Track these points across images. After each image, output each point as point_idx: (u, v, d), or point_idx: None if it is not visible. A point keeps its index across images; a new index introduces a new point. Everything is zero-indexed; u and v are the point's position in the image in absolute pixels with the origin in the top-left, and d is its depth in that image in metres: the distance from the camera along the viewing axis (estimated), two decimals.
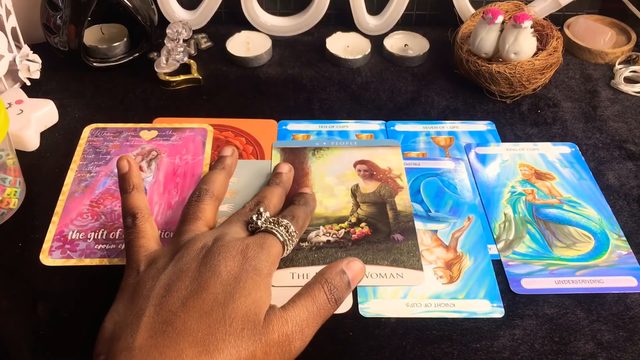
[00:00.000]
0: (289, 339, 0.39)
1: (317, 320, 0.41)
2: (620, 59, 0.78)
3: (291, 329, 0.39)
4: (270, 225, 0.47)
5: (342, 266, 0.44)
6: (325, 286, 0.42)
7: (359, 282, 0.46)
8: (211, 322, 0.38)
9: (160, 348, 0.36)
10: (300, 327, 0.40)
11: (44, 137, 0.65)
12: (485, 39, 0.71)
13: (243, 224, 0.48)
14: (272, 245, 0.45)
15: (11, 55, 0.67)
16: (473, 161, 0.63)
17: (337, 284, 0.43)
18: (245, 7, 0.80)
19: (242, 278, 0.41)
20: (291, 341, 0.39)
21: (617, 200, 0.60)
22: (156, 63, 0.73)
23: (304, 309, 0.41)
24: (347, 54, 0.77)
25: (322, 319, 0.42)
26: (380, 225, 0.56)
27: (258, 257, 0.43)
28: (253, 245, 0.44)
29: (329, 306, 0.42)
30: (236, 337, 0.38)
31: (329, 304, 0.42)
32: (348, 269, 0.44)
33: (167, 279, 0.41)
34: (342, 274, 0.44)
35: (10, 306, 0.49)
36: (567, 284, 0.51)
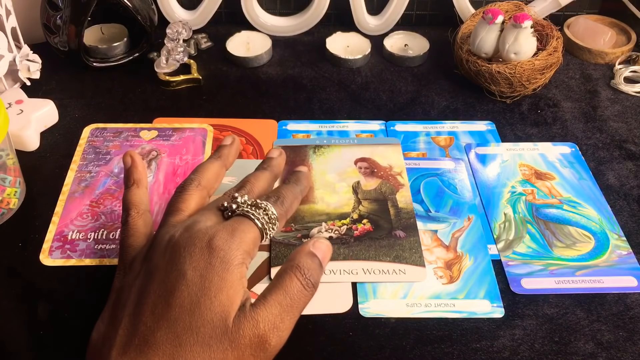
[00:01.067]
0: (262, 339, 0.36)
1: (293, 311, 0.38)
2: (620, 59, 0.78)
3: (263, 329, 0.36)
4: (246, 208, 0.42)
5: (309, 248, 0.40)
6: (298, 273, 0.39)
7: (329, 261, 0.42)
8: (179, 332, 0.35)
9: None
10: (273, 325, 0.37)
11: (44, 137, 0.65)
12: (485, 39, 0.71)
13: (217, 210, 0.43)
14: (246, 230, 0.40)
15: (11, 55, 0.67)
16: (473, 161, 0.63)
17: (309, 267, 0.39)
18: (245, 7, 0.80)
19: (208, 276, 0.37)
20: (265, 341, 0.36)
21: (617, 200, 0.60)
22: (156, 63, 0.73)
23: (275, 303, 0.37)
24: (347, 54, 0.77)
25: (299, 309, 0.39)
26: (382, 222, 0.56)
27: (227, 246, 0.38)
28: (222, 232, 0.39)
29: (306, 292, 0.39)
30: (204, 347, 0.35)
31: (305, 290, 0.39)
32: (316, 249, 0.40)
33: (140, 283, 0.39)
34: (312, 256, 0.40)
35: (10, 306, 0.49)
36: (567, 284, 0.51)
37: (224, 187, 0.59)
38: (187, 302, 0.36)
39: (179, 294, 0.36)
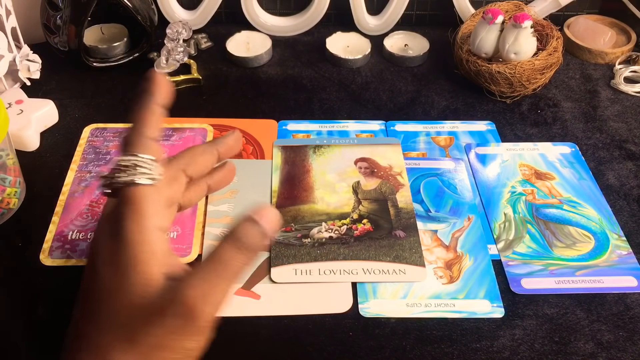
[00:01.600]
0: (191, 309, 0.33)
1: (226, 277, 0.34)
2: (620, 59, 0.78)
3: (192, 298, 0.33)
4: (122, 178, 0.36)
5: (250, 215, 0.35)
6: (230, 238, 0.34)
7: (277, 232, 0.36)
8: (102, 324, 0.34)
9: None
10: (203, 293, 0.33)
11: (44, 137, 0.65)
12: (485, 39, 0.71)
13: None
14: (131, 200, 0.35)
15: (11, 55, 0.67)
16: (473, 161, 0.63)
17: (246, 232, 0.35)
18: (245, 7, 0.80)
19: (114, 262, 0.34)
20: (195, 310, 0.33)
21: (617, 200, 0.60)
22: (156, 63, 0.73)
23: (204, 271, 0.34)
24: (347, 54, 0.77)
25: (232, 274, 0.34)
26: (382, 222, 0.56)
27: (126, 225, 0.34)
28: (109, 216, 0.36)
29: (240, 257, 0.34)
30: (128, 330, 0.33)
31: (239, 253, 0.34)
32: (259, 216, 0.35)
33: (83, 280, 0.38)
34: (252, 222, 0.35)
35: (10, 306, 0.49)
36: (567, 284, 0.51)
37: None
38: (103, 294, 0.35)
39: (93, 287, 0.36)
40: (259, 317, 0.49)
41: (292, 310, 0.49)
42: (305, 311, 0.49)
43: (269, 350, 0.47)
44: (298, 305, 0.49)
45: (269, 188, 0.59)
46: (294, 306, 0.49)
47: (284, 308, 0.49)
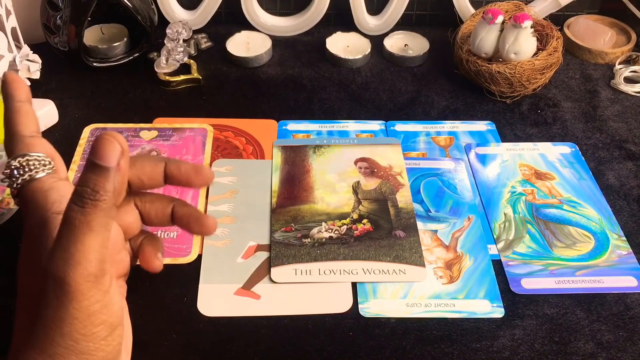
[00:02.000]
0: (58, 280, 0.31)
1: (80, 236, 0.31)
2: (620, 59, 0.78)
3: (54, 270, 0.31)
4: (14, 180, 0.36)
5: (89, 158, 0.31)
6: (73, 195, 0.31)
7: (116, 153, 0.31)
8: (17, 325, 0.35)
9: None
10: (62, 260, 0.31)
11: (44, 137, 0.64)
12: (485, 39, 0.71)
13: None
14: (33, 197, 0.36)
15: (11, 55, 0.67)
16: (473, 161, 0.63)
17: (82, 179, 0.31)
18: (245, 7, 0.80)
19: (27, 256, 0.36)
20: (62, 280, 0.31)
21: (617, 200, 0.60)
22: (156, 63, 0.73)
23: (58, 237, 0.31)
24: (347, 54, 0.77)
25: (86, 229, 0.31)
26: (382, 222, 0.56)
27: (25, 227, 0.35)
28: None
29: (84, 209, 0.31)
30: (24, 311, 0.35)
31: (81, 205, 0.31)
32: (95, 153, 0.31)
33: None
34: (90, 166, 0.31)
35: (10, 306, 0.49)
36: (567, 284, 0.51)
37: (223, 187, 0.59)
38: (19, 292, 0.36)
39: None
40: (259, 317, 0.49)
41: (292, 310, 0.49)
42: (305, 311, 0.49)
43: (269, 350, 0.47)
44: (298, 305, 0.49)
45: (269, 188, 0.59)
46: (294, 306, 0.49)
47: (284, 308, 0.49)
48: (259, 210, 0.57)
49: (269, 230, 0.55)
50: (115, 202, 0.32)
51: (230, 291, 0.50)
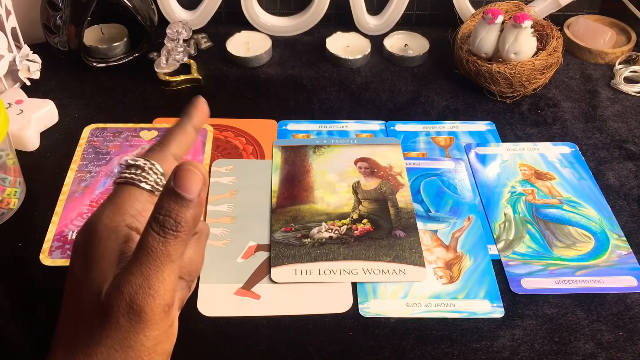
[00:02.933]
0: (131, 305, 0.31)
1: (160, 266, 0.32)
2: (620, 59, 0.78)
3: (129, 294, 0.31)
4: (122, 174, 0.36)
5: (169, 185, 0.32)
6: (153, 222, 0.32)
7: (200, 187, 0.32)
8: (66, 321, 0.34)
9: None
10: (139, 287, 0.31)
11: (44, 137, 0.65)
12: (485, 39, 0.71)
13: None
14: (119, 195, 0.35)
15: (11, 55, 0.67)
16: (473, 161, 0.63)
17: (167, 208, 0.32)
18: (245, 7, 0.80)
19: (80, 257, 0.34)
20: (135, 305, 0.31)
21: (617, 200, 0.60)
22: (156, 63, 0.73)
23: (136, 264, 0.32)
24: (347, 54, 0.77)
25: (166, 260, 0.32)
26: (382, 222, 0.56)
27: (96, 219, 0.34)
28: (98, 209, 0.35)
29: (167, 240, 0.32)
30: (85, 326, 0.33)
31: (164, 237, 0.32)
32: (178, 184, 0.32)
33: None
34: (172, 195, 0.32)
35: (10, 306, 0.49)
36: (567, 284, 0.51)
37: (223, 187, 0.59)
38: (72, 290, 0.34)
39: (67, 285, 0.35)
40: (259, 317, 0.49)
41: (292, 310, 0.49)
42: (305, 311, 0.49)
43: (269, 350, 0.47)
44: (298, 305, 0.49)
45: (269, 188, 0.59)
46: (294, 306, 0.49)
47: (284, 308, 0.49)
48: (259, 210, 0.57)
49: (269, 230, 0.55)
50: (192, 231, 0.33)
51: (230, 291, 0.50)
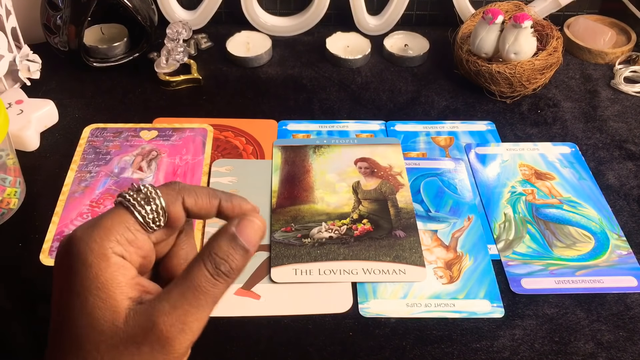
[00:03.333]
0: (162, 338, 0.30)
1: (202, 305, 0.31)
2: (620, 59, 0.78)
3: (163, 326, 0.30)
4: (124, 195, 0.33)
5: (231, 229, 0.32)
6: (208, 260, 0.31)
7: (260, 242, 0.33)
8: (66, 348, 0.33)
9: None
10: (176, 321, 0.31)
11: (44, 137, 0.65)
12: (485, 39, 0.71)
13: None
14: (112, 217, 0.32)
15: (11, 55, 0.67)
16: (473, 161, 0.63)
17: (225, 252, 0.32)
18: (245, 7, 0.80)
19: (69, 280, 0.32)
20: (168, 339, 0.31)
21: (617, 200, 0.60)
22: (156, 63, 0.73)
23: (179, 297, 0.31)
24: (347, 54, 0.77)
25: (210, 302, 0.32)
26: (382, 222, 0.56)
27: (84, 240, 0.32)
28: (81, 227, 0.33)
29: (216, 282, 0.31)
30: (95, 355, 0.31)
31: (215, 279, 0.31)
32: (240, 231, 0.32)
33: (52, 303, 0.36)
34: (232, 239, 0.32)
35: (10, 306, 0.49)
36: (567, 284, 0.51)
37: (223, 187, 0.59)
38: (62, 317, 0.33)
39: (55, 309, 0.34)
40: (259, 317, 0.49)
41: (292, 310, 0.49)
42: (305, 311, 0.49)
43: (269, 350, 0.47)
44: (298, 305, 0.49)
45: (269, 188, 0.59)
46: (294, 306, 0.49)
47: (284, 308, 0.49)
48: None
49: (269, 230, 0.55)
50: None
51: (230, 291, 0.50)
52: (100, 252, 0.31)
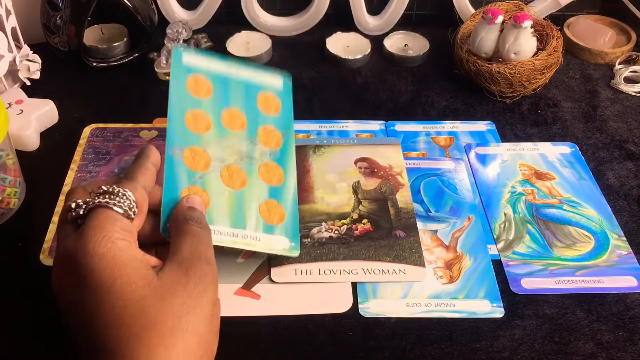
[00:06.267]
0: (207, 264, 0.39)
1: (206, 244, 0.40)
2: (620, 59, 0.78)
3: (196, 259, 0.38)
4: (96, 201, 0.38)
5: (185, 204, 0.43)
6: (191, 220, 0.41)
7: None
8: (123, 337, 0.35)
9: None
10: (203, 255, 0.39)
11: (44, 137, 0.65)
12: (485, 39, 0.71)
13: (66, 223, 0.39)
14: (95, 218, 0.37)
15: (11, 55, 0.67)
16: (473, 161, 0.63)
17: (194, 214, 0.42)
18: (245, 7, 0.80)
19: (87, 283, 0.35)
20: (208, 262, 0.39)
21: (617, 200, 0.60)
22: (156, 63, 0.73)
23: (188, 243, 0.39)
24: (347, 54, 0.77)
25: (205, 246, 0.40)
26: (382, 222, 0.56)
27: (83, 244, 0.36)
28: (73, 238, 0.37)
29: (203, 231, 0.41)
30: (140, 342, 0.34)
31: (202, 229, 0.41)
32: (191, 203, 0.44)
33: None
34: (192, 209, 0.43)
35: (10, 306, 0.49)
36: (567, 284, 0.51)
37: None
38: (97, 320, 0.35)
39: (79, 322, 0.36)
40: (259, 317, 0.49)
41: (292, 310, 0.49)
42: (305, 311, 0.49)
43: (269, 350, 0.47)
44: (298, 305, 0.49)
45: None
46: (294, 306, 0.49)
47: (284, 308, 0.49)
48: None
49: None
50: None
51: (230, 291, 0.50)
52: (105, 243, 0.36)
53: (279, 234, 0.50)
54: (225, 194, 0.50)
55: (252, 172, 0.52)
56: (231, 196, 0.50)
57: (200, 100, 0.53)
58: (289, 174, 0.54)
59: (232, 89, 0.55)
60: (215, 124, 0.52)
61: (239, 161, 0.52)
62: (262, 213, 0.51)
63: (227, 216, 0.49)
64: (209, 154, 0.51)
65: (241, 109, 0.55)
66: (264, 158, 0.53)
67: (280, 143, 0.55)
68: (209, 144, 0.51)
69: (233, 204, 0.50)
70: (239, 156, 0.52)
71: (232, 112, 0.54)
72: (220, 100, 0.54)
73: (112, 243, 0.36)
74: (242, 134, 0.53)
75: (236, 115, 0.54)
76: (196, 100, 0.52)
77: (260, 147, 0.53)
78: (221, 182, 0.50)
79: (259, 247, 0.49)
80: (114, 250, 0.36)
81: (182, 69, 0.53)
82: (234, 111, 0.54)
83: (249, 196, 0.51)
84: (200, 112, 0.52)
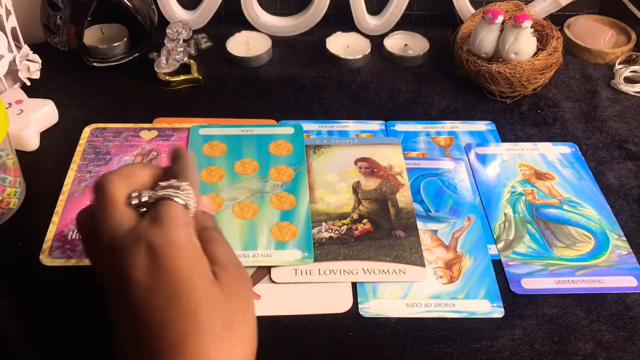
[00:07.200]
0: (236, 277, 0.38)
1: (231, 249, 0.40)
2: (620, 59, 0.78)
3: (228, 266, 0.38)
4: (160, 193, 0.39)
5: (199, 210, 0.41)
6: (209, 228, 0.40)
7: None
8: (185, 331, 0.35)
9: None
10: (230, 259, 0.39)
11: (44, 137, 0.65)
12: (485, 39, 0.71)
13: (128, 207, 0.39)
14: (169, 209, 0.37)
15: (11, 55, 0.67)
16: (473, 161, 0.63)
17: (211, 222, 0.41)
18: (245, 7, 0.80)
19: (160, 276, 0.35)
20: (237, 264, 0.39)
21: (617, 200, 0.60)
22: (156, 63, 0.73)
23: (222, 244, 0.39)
24: (347, 54, 0.77)
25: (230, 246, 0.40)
26: (382, 222, 0.56)
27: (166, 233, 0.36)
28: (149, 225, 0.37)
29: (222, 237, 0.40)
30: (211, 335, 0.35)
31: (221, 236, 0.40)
32: (201, 206, 0.41)
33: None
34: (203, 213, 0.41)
35: (10, 306, 0.49)
36: (567, 284, 0.51)
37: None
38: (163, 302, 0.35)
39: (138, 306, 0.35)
40: (259, 317, 0.48)
41: (292, 310, 0.49)
42: (305, 311, 0.49)
43: (269, 350, 0.47)
44: (298, 305, 0.49)
45: None
46: (294, 306, 0.49)
47: (284, 308, 0.49)
48: None
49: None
50: None
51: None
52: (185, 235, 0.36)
53: (291, 248, 0.52)
54: (237, 224, 0.54)
55: (264, 203, 0.56)
56: (242, 225, 0.54)
57: (214, 157, 0.60)
58: (301, 198, 0.57)
59: (245, 144, 0.62)
60: (228, 173, 0.58)
61: (249, 197, 0.56)
62: (273, 234, 0.53)
63: (238, 241, 0.53)
64: (222, 197, 0.56)
65: (253, 157, 0.60)
66: (276, 190, 0.57)
67: (292, 176, 0.58)
68: (222, 189, 0.57)
69: (244, 231, 0.53)
70: (250, 193, 0.56)
71: (245, 161, 0.59)
72: (233, 154, 0.61)
73: (190, 236, 0.37)
74: (254, 176, 0.58)
75: (248, 163, 0.59)
76: (210, 159, 0.60)
77: (272, 182, 0.58)
78: (233, 216, 0.54)
79: (271, 263, 0.51)
80: (193, 244, 0.37)
81: (199, 138, 0.63)
82: (246, 160, 0.60)
83: (260, 223, 0.54)
84: (214, 167, 0.58)
